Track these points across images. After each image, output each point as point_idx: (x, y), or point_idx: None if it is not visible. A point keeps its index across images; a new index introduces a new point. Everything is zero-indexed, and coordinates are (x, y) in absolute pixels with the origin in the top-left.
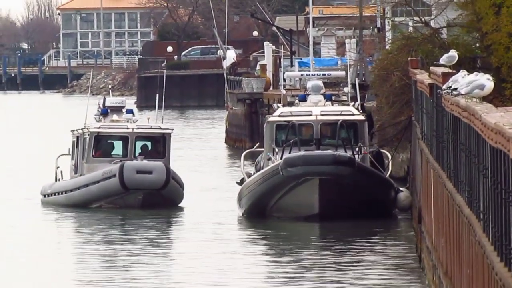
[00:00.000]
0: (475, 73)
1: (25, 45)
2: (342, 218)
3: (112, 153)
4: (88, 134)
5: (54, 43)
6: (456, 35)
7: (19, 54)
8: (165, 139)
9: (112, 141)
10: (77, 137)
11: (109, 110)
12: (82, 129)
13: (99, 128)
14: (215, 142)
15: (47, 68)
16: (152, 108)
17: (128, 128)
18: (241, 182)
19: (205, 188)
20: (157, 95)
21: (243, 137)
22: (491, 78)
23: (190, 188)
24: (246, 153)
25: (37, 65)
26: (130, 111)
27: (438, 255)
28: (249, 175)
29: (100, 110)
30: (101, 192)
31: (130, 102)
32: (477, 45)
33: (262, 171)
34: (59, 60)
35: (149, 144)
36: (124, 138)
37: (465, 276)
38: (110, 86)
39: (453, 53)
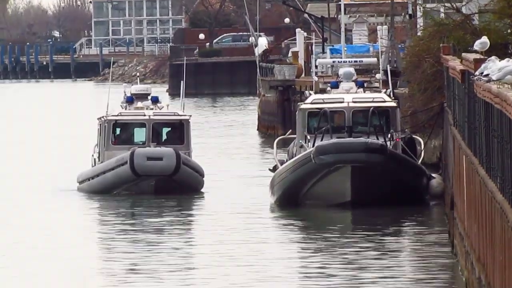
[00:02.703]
0: (506, 59)
1: (56, 34)
2: (374, 205)
3: (134, 141)
4: (107, 122)
5: (85, 31)
6: (488, 21)
7: (50, 43)
8: (183, 126)
9: (132, 128)
10: (100, 125)
11: (134, 98)
12: (103, 117)
13: (117, 116)
14: (248, 130)
15: (79, 56)
16: (185, 96)
17: (145, 115)
18: (274, 169)
19: (238, 175)
20: (182, 81)
21: (276, 124)
22: None
23: (222, 175)
24: (279, 140)
25: (69, 53)
26: (155, 99)
27: (471, 241)
28: (281, 162)
29: (125, 98)
30: (115, 180)
31: (162, 90)
32: (509, 31)
33: (294, 158)
34: (91, 48)
35: (169, 131)
36: (142, 125)
37: (497, 263)
38: (138, 74)
39: (485, 39)
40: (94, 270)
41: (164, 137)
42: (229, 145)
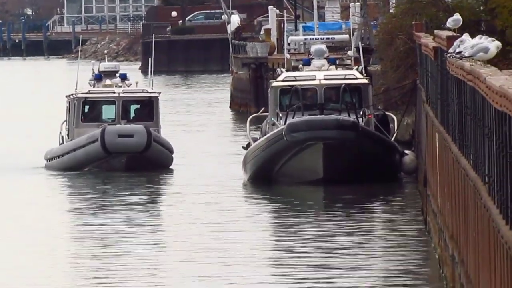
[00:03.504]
0: (479, 36)
1: (29, 11)
2: (347, 182)
3: (103, 118)
4: (77, 100)
5: (58, 9)
6: None
7: (23, 20)
8: (152, 103)
9: (101, 105)
10: (69, 102)
11: (102, 75)
12: (72, 94)
13: (86, 93)
14: (220, 107)
15: (52, 34)
16: (157, 73)
17: (114, 93)
18: (247, 147)
19: (211, 152)
20: (149, 59)
21: (248, 102)
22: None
23: (194, 152)
24: (252, 118)
25: (41, 31)
26: (123, 76)
27: (444, 218)
28: (255, 140)
29: (94, 75)
30: (86, 157)
31: (135, 67)
32: (481, 8)
33: (266, 136)
34: (63, 25)
35: (137, 108)
36: (111, 103)
37: (470, 240)
38: (106, 52)
39: (458, 16)
40: (64, 248)
41: (133, 114)
42: (201, 122)
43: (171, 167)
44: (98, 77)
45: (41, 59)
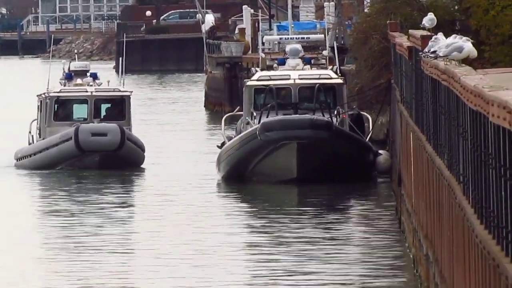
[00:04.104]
0: (453, 35)
1: (3, 10)
2: (321, 181)
3: (75, 117)
4: (49, 99)
5: (32, 8)
6: None
7: None
8: (125, 101)
9: (74, 104)
10: (41, 101)
11: (73, 74)
12: (44, 93)
13: (59, 92)
14: (195, 106)
15: (27, 33)
16: (131, 72)
17: (87, 92)
18: (222, 146)
19: (185, 151)
20: (120, 58)
21: (223, 101)
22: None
23: (169, 151)
24: (227, 117)
25: (16, 30)
26: (94, 75)
27: (418, 217)
28: (230, 139)
29: (64, 74)
30: (60, 155)
31: (109, 66)
32: (456, 7)
33: (240, 135)
34: (38, 25)
35: (109, 106)
36: (84, 102)
37: (445, 239)
38: (75, 51)
39: (433, 15)
40: (34, 249)
41: (105, 113)
42: (176, 121)
43: (144, 165)
44: (69, 76)
45: (15, 58)
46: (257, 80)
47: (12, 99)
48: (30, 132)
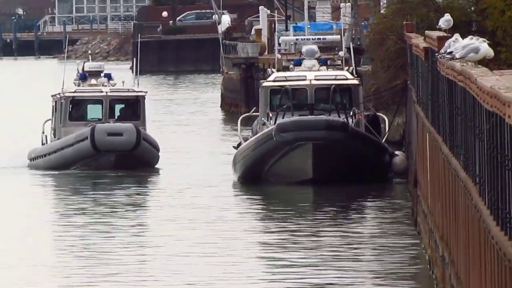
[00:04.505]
0: (470, 36)
1: (20, 11)
2: (336, 182)
3: (89, 117)
4: (64, 99)
5: (49, 9)
6: None
7: (14, 20)
8: (139, 102)
9: (89, 105)
10: (56, 101)
11: (87, 75)
12: (59, 94)
13: (74, 92)
14: (211, 107)
15: (43, 34)
16: (148, 73)
17: (102, 92)
18: (238, 147)
19: (201, 152)
20: (134, 59)
21: (239, 102)
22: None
23: (184, 152)
24: (243, 118)
25: (32, 31)
26: (108, 76)
27: (434, 219)
28: (246, 140)
29: (78, 75)
30: (75, 155)
31: (125, 67)
32: (472, 8)
33: (256, 136)
34: (55, 25)
35: (124, 107)
36: (99, 102)
37: (461, 240)
38: (89, 52)
39: (449, 17)
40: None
41: (119, 113)
42: (192, 122)
43: (160, 166)
44: (83, 77)
45: (32, 59)
46: (273, 81)
47: (25, 99)
48: (43, 133)
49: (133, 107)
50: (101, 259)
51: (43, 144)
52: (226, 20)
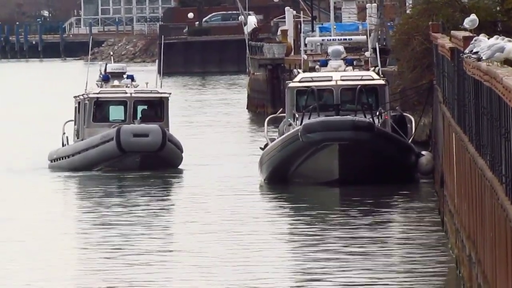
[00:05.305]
0: (495, 36)
1: (46, 13)
2: (363, 183)
3: (113, 118)
4: (88, 100)
5: (75, 11)
6: None
7: (40, 22)
8: (163, 103)
9: (113, 106)
10: (79, 102)
11: (110, 76)
12: (82, 95)
13: (98, 93)
14: (237, 108)
15: (69, 36)
16: (174, 74)
17: (126, 93)
18: (265, 147)
19: (228, 153)
20: (157, 60)
21: (265, 103)
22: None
23: (211, 153)
24: (270, 118)
25: (58, 32)
26: (130, 77)
27: (461, 218)
28: (272, 141)
29: (101, 76)
30: (100, 156)
31: (152, 69)
32: (498, 8)
33: (282, 137)
34: (80, 27)
35: (147, 108)
36: (123, 103)
37: (487, 240)
38: (111, 53)
39: (475, 16)
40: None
41: (143, 114)
42: (219, 123)
43: (187, 167)
44: (106, 78)
45: (58, 61)
46: (299, 81)
47: (47, 100)
48: (64, 134)
49: (156, 108)
50: (125, 260)
51: (63, 145)
52: (252, 21)
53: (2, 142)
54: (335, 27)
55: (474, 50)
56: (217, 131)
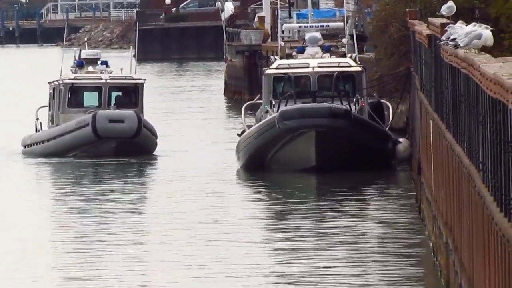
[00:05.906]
0: (473, 23)
1: None
2: (339, 170)
3: (87, 104)
4: (63, 86)
5: None
6: None
7: (17, 8)
8: (138, 89)
9: (87, 92)
10: (53, 88)
11: (84, 62)
12: (57, 80)
13: (73, 79)
14: (214, 95)
15: (46, 22)
16: (151, 60)
17: (101, 79)
18: (242, 134)
19: (205, 139)
20: (131, 46)
21: (242, 89)
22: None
23: (188, 139)
24: (247, 105)
25: (35, 18)
26: (105, 63)
27: (438, 206)
28: (249, 127)
29: (76, 62)
30: (75, 141)
31: (129, 55)
32: None
33: (259, 124)
34: (57, 13)
35: (122, 94)
36: (98, 89)
37: (464, 227)
38: (85, 39)
39: (452, 3)
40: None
41: (117, 100)
42: (195, 109)
43: (163, 153)
44: (80, 64)
45: (34, 47)
46: (276, 68)
47: (21, 87)
48: (37, 119)
49: (131, 95)
50: (99, 248)
51: (37, 131)
52: (229, 7)
53: None
54: (312, 13)
55: (452, 37)
56: (194, 118)
